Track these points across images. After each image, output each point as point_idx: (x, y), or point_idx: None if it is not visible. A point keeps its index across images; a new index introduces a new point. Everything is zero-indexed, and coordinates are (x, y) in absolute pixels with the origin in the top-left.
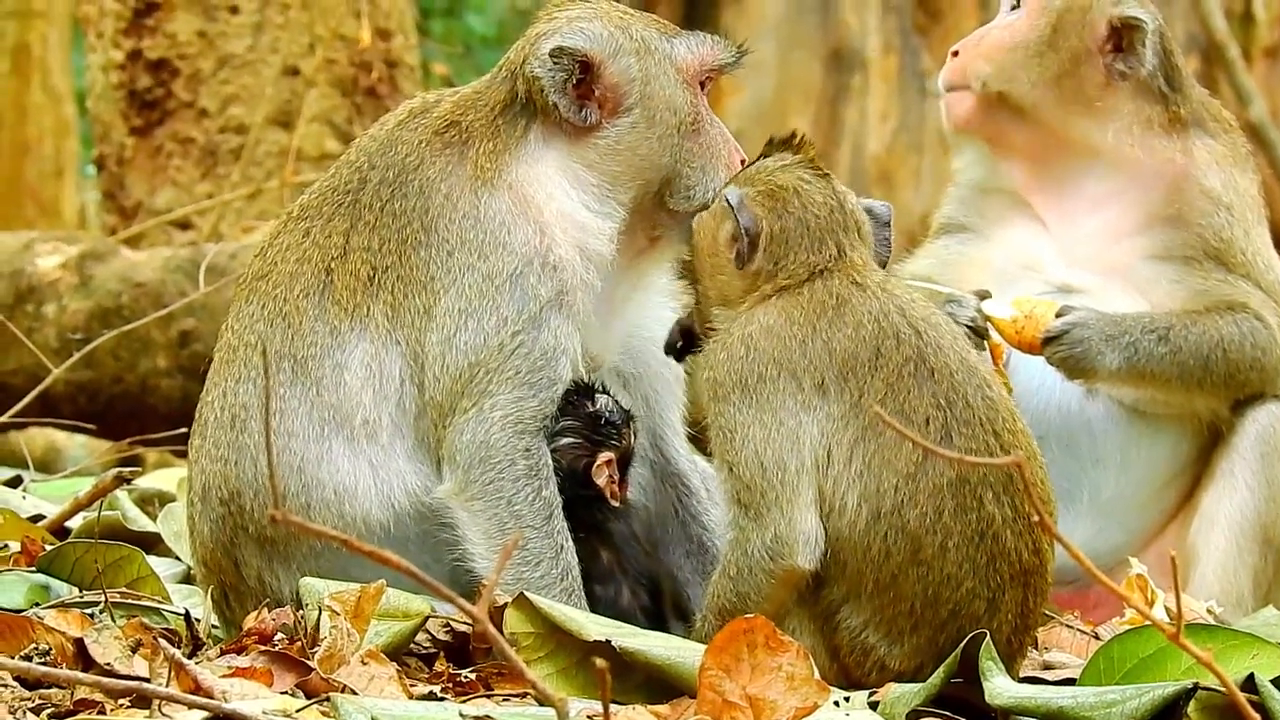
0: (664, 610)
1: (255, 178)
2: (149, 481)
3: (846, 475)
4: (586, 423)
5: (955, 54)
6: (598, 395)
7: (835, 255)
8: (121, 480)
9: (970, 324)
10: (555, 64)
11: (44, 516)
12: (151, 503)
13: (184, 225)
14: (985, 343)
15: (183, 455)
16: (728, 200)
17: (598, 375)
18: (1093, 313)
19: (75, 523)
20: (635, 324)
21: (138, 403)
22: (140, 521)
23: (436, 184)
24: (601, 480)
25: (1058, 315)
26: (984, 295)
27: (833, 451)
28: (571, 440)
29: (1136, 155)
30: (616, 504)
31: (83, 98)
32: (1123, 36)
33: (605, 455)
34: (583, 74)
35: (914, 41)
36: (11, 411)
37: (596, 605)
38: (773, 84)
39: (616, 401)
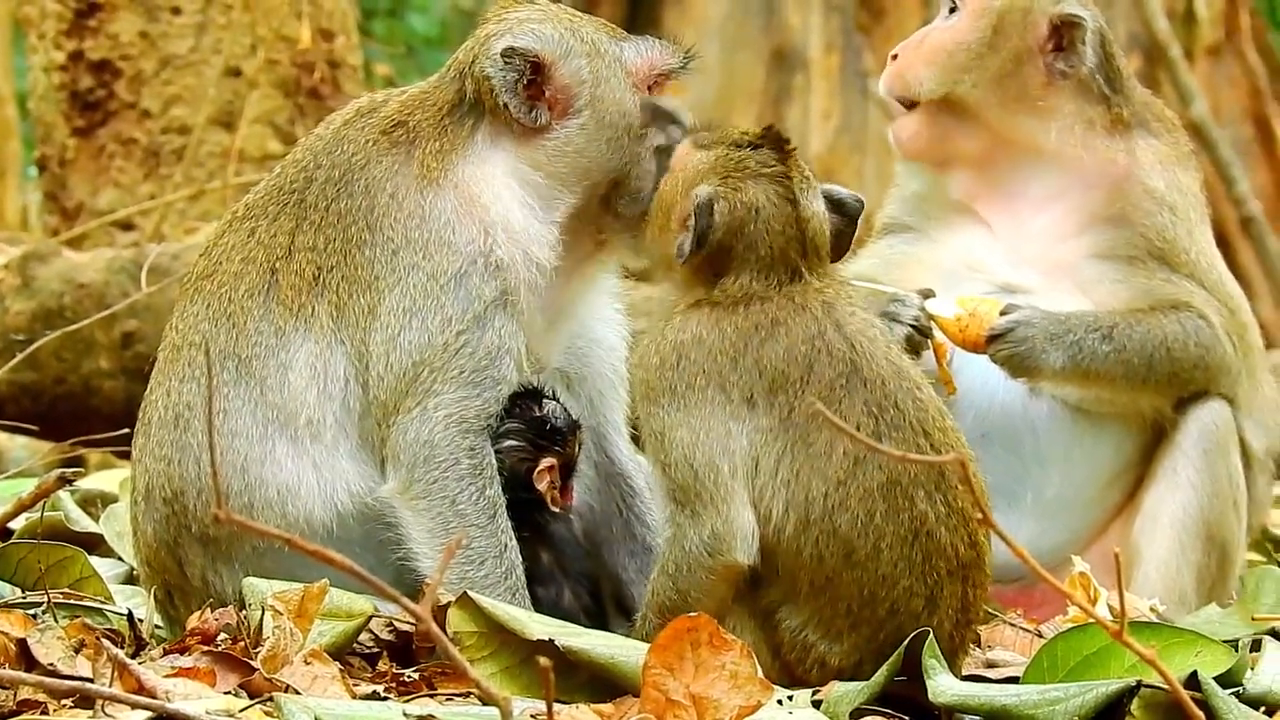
0: (605, 610)
1: (198, 179)
2: (91, 482)
3: (773, 484)
4: (531, 426)
5: (895, 57)
6: (545, 400)
7: (780, 284)
8: (64, 481)
9: (914, 323)
10: (506, 64)
11: None
12: (94, 504)
13: (126, 226)
14: (929, 342)
15: (126, 456)
16: (698, 197)
17: (543, 377)
18: (1037, 311)
19: (18, 524)
20: (581, 326)
21: (81, 404)
22: (83, 522)
23: (382, 183)
24: (543, 485)
25: (1002, 313)
26: (928, 294)
27: (760, 462)
28: (515, 443)
29: (1080, 155)
30: (557, 510)
31: (24, 99)
32: (1063, 35)
33: (548, 460)
34: (533, 75)
35: (856, 41)
36: None
37: (539, 606)
38: (716, 84)
39: (564, 408)
